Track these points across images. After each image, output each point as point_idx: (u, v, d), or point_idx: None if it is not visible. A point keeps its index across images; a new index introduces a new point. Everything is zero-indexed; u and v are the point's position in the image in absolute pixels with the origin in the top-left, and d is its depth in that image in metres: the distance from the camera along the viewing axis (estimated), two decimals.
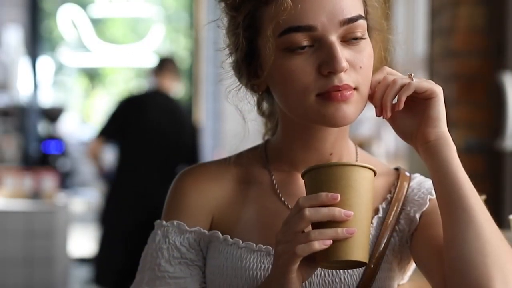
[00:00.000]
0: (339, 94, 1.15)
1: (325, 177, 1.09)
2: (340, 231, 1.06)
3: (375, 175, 1.11)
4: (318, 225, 1.07)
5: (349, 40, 1.16)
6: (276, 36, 1.16)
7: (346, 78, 1.15)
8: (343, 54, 1.15)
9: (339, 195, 1.07)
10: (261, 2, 1.18)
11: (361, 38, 1.17)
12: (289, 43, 1.15)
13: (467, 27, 3.41)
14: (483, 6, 3.39)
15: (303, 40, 1.15)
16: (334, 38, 1.15)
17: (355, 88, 1.16)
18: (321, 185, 1.09)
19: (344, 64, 1.14)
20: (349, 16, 1.15)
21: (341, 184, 1.08)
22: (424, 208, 1.24)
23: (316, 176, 1.10)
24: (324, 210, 1.06)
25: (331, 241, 1.06)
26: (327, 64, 1.14)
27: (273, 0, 1.16)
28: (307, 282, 1.20)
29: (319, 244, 1.05)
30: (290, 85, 1.17)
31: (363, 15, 1.18)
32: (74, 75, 11.09)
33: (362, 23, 1.17)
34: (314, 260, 1.09)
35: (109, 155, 5.76)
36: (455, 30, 3.44)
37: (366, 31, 1.19)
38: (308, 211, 1.06)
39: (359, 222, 1.08)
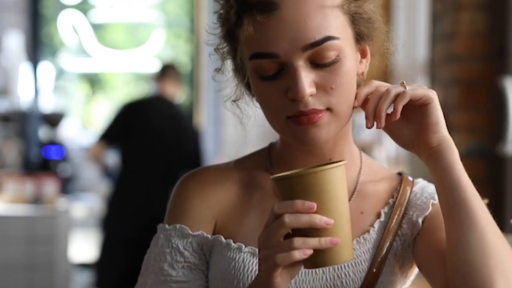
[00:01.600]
0: (305, 119, 1.15)
1: (299, 186, 1.06)
2: (323, 241, 1.05)
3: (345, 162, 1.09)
4: (298, 229, 1.06)
5: (318, 62, 1.15)
6: (247, 59, 1.18)
7: (313, 102, 1.15)
8: (310, 77, 1.14)
9: (315, 204, 1.05)
10: (233, 25, 1.19)
11: (332, 59, 1.15)
12: (257, 68, 1.17)
13: (468, 32, 3.41)
14: (484, 11, 3.39)
15: (269, 65, 1.15)
16: (299, 63, 1.14)
17: (328, 109, 1.16)
18: (295, 194, 1.06)
19: (307, 91, 1.13)
20: (312, 40, 1.14)
21: (315, 190, 1.06)
22: (427, 213, 1.24)
23: (289, 185, 1.07)
24: (305, 217, 1.05)
25: (312, 251, 1.05)
26: (291, 90, 1.14)
27: (241, 25, 1.17)
28: (308, 286, 1.20)
29: (300, 254, 1.05)
30: (263, 105, 1.20)
31: (334, 35, 1.15)
32: (74, 80, 11.09)
33: (332, 44, 1.14)
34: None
35: (112, 158, 5.75)
36: (456, 35, 3.44)
37: (341, 48, 1.16)
38: (287, 218, 1.05)
39: (340, 223, 1.07)
